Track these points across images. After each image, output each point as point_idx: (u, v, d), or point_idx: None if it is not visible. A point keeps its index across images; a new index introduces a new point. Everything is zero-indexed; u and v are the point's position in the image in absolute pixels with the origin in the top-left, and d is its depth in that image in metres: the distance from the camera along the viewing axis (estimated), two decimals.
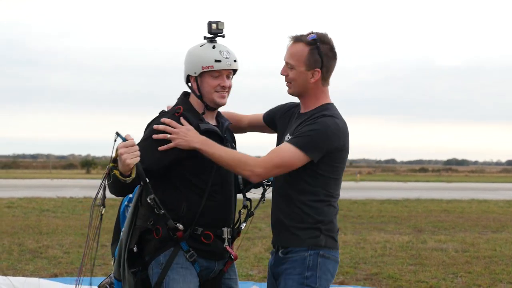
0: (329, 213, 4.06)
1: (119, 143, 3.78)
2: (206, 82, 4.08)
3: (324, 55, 4.01)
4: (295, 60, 4.02)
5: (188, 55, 4.14)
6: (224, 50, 4.08)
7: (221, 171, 4.09)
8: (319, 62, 4.01)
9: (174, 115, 4.06)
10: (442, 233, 15.25)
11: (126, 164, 3.73)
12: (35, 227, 15.18)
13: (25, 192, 28.18)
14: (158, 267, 4.01)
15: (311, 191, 4.00)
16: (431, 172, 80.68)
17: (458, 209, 22.28)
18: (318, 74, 4.03)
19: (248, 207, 4.37)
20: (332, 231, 4.07)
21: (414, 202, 25.26)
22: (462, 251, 12.21)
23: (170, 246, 4.02)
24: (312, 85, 4.06)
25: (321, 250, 4.01)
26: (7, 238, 13.22)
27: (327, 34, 4.05)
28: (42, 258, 10.86)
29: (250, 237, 13.69)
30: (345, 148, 4.04)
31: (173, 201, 4.02)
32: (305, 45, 4.01)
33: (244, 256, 11.22)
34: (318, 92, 4.09)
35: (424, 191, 34.60)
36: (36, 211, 19.29)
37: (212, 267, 4.15)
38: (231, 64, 4.08)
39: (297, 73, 4.03)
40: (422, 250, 12.24)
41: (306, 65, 4.01)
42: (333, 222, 4.09)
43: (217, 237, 4.13)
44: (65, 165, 77.25)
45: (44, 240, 12.99)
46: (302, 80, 4.04)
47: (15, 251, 11.52)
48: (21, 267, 10.03)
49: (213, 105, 4.13)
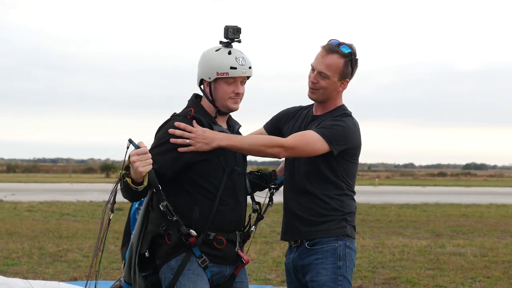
0: (352, 206, 4.33)
1: (132, 151, 3.76)
2: (220, 88, 4.05)
3: (355, 66, 4.27)
4: (331, 71, 4.22)
5: (203, 58, 4.10)
6: (239, 56, 4.05)
7: (232, 175, 4.10)
8: (349, 74, 4.27)
9: (186, 117, 4.05)
10: (460, 238, 15.23)
11: (138, 172, 3.71)
12: (55, 231, 15.30)
13: (45, 196, 28.39)
14: (170, 272, 3.99)
15: (335, 185, 4.24)
16: (450, 177, 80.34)
17: (476, 214, 22.22)
18: (346, 84, 4.30)
19: (258, 210, 4.37)
20: (354, 222, 4.36)
21: (432, 207, 25.19)
22: (480, 256, 12.18)
23: (182, 252, 4.00)
24: (337, 93, 4.31)
25: (347, 240, 4.25)
26: (28, 241, 13.33)
27: (353, 45, 4.28)
28: (62, 262, 10.96)
29: (268, 241, 13.74)
30: (360, 145, 4.33)
31: (185, 207, 4.00)
32: (340, 57, 4.22)
33: (263, 260, 11.26)
34: (338, 97, 4.34)
35: (442, 195, 34.49)
36: (56, 215, 19.45)
37: (223, 272, 4.13)
38: (246, 71, 4.04)
39: (330, 83, 4.25)
40: (440, 255, 12.22)
41: (339, 76, 4.24)
42: (355, 214, 4.37)
43: (229, 241, 4.11)
44: (84, 169, 77.70)
45: (64, 243, 13.09)
46: (332, 89, 4.27)
47: (35, 254, 11.61)
48: (41, 271, 10.12)
49: (225, 110, 4.12)
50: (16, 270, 10.10)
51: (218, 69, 4.01)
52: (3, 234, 14.55)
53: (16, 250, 12.09)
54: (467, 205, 26.36)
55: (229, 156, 4.10)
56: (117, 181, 3.85)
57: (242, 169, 4.20)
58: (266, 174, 4.54)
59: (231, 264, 4.16)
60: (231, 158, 4.12)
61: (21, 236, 14.24)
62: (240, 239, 4.18)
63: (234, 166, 4.13)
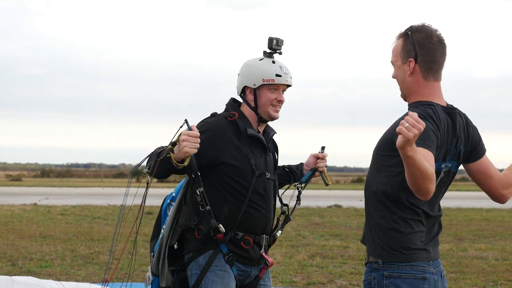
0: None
1: (184, 130, 3.86)
2: (264, 94, 4.22)
3: (417, 43, 3.53)
4: (394, 55, 3.64)
5: (246, 67, 4.27)
6: (283, 66, 4.25)
7: (262, 179, 4.20)
8: (412, 52, 3.54)
9: (227, 118, 4.19)
10: (482, 242, 15.23)
11: (184, 151, 3.81)
12: (87, 234, 15.54)
13: (78, 200, 28.64)
14: (198, 268, 4.10)
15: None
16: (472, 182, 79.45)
17: (498, 218, 22.08)
18: (412, 64, 3.53)
19: (286, 212, 4.43)
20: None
21: (454, 211, 25.08)
22: (502, 259, 12.26)
23: (210, 248, 4.11)
24: (412, 80, 3.57)
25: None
26: (61, 244, 13.60)
27: (426, 24, 3.60)
28: (94, 264, 11.18)
29: (294, 244, 13.93)
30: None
31: (215, 202, 4.10)
32: (400, 38, 3.62)
33: (288, 263, 11.44)
34: (420, 87, 3.56)
35: (464, 200, 34.17)
36: (88, 219, 19.69)
37: (248, 272, 4.24)
38: (289, 80, 4.24)
39: (397, 69, 3.62)
40: (462, 258, 12.30)
41: (402, 58, 3.59)
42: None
43: (256, 243, 4.22)
44: (116, 174, 78.08)
45: (95, 246, 13.34)
46: (401, 75, 3.60)
47: (67, 257, 11.86)
48: (73, 273, 10.36)
49: (266, 118, 4.26)
50: (50, 272, 10.35)
51: (264, 76, 4.20)
52: (37, 237, 14.82)
53: (50, 252, 12.35)
54: (489, 210, 26.19)
55: (259, 160, 4.23)
56: (159, 151, 3.94)
57: (272, 175, 4.32)
58: (294, 170, 4.62)
59: (256, 265, 4.27)
60: (261, 162, 4.25)
61: (55, 239, 14.50)
62: (266, 242, 4.29)
63: (263, 171, 4.25)
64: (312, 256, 12.25)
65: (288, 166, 4.64)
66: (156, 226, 4.38)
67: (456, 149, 3.57)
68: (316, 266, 11.23)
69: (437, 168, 3.48)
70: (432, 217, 3.58)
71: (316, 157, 4.57)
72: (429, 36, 3.55)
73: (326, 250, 13.15)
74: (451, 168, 3.61)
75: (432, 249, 3.56)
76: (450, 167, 3.60)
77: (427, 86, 3.55)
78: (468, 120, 3.67)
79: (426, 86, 3.55)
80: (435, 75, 3.56)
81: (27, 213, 21.32)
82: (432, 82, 3.55)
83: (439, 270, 3.58)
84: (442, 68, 3.60)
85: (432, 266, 3.53)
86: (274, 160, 4.41)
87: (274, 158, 4.43)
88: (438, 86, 3.58)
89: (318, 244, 14.01)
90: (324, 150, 4.58)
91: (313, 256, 12.26)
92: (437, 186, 3.49)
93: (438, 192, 3.56)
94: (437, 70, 3.57)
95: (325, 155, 4.55)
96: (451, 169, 3.62)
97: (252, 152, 4.22)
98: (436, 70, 3.56)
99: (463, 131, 3.60)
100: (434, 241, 3.58)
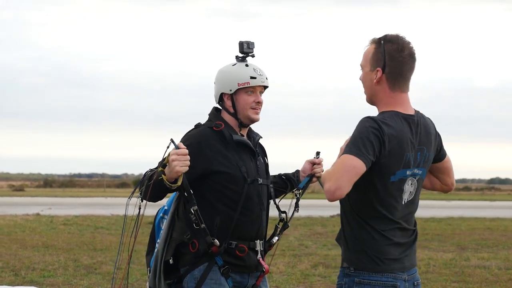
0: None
1: (172, 150, 3.88)
2: (241, 98, 4.22)
3: (387, 53, 3.59)
4: (363, 59, 3.70)
5: (221, 74, 4.28)
6: (257, 68, 4.26)
7: (254, 185, 4.20)
8: (381, 61, 3.60)
9: (213, 129, 4.18)
10: (485, 251, 15.25)
11: (175, 171, 3.83)
12: (90, 243, 15.55)
13: (81, 210, 28.62)
14: (193, 281, 4.09)
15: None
16: (475, 191, 79.30)
17: (501, 227, 22.07)
18: (379, 73, 3.59)
19: (284, 219, 4.39)
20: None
21: (457, 220, 25.09)
22: (505, 269, 12.27)
23: (205, 261, 4.10)
24: (378, 89, 3.64)
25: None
26: (63, 254, 13.62)
27: (400, 36, 3.65)
28: (96, 274, 11.20)
29: (297, 254, 13.94)
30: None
31: (206, 215, 4.08)
32: (372, 43, 3.68)
33: (291, 272, 11.47)
34: (385, 97, 3.64)
35: (467, 209, 34.12)
36: (91, 228, 19.68)
37: (245, 282, 4.23)
38: (264, 81, 4.25)
39: (364, 74, 3.69)
40: (465, 268, 12.32)
41: (370, 65, 3.65)
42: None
43: (251, 249, 4.20)
44: (118, 184, 78.04)
45: (98, 256, 13.35)
46: (368, 82, 3.67)
47: (70, 266, 11.88)
48: (76, 282, 10.38)
49: (247, 122, 4.27)
50: (52, 281, 10.37)
51: (238, 80, 4.21)
52: (40, 246, 14.84)
53: (52, 262, 12.36)
54: (492, 219, 26.19)
55: (249, 166, 4.23)
56: (150, 174, 3.96)
57: (264, 180, 4.31)
58: (291, 177, 4.60)
59: (253, 273, 4.25)
60: (252, 168, 4.24)
61: (57, 248, 14.52)
62: (261, 247, 4.27)
63: (255, 176, 4.24)
64: (315, 266, 12.26)
65: (285, 174, 4.63)
66: (150, 240, 4.38)
67: (423, 156, 3.64)
68: (319, 276, 11.24)
69: (402, 175, 3.56)
70: (408, 230, 3.65)
71: (312, 162, 4.52)
72: (401, 49, 3.61)
73: (329, 259, 13.14)
74: (422, 175, 3.68)
75: (407, 259, 3.63)
76: (421, 175, 3.67)
77: (393, 96, 3.62)
78: (431, 125, 3.74)
79: (392, 96, 3.62)
80: (402, 87, 3.63)
81: (30, 223, 21.32)
82: (398, 93, 3.63)
83: (413, 278, 3.65)
84: (409, 81, 3.67)
85: (406, 274, 3.60)
86: (265, 164, 4.41)
87: (265, 162, 4.42)
88: (405, 96, 3.65)
89: (321, 254, 14.02)
90: (319, 156, 4.54)
91: (315, 266, 12.27)
92: (412, 196, 3.62)
93: (413, 200, 3.65)
94: (403, 83, 3.63)
95: (321, 160, 4.51)
96: (422, 176, 3.69)
97: (242, 159, 4.21)
98: (402, 83, 3.63)
99: (426, 137, 3.67)
100: (409, 251, 3.65)
